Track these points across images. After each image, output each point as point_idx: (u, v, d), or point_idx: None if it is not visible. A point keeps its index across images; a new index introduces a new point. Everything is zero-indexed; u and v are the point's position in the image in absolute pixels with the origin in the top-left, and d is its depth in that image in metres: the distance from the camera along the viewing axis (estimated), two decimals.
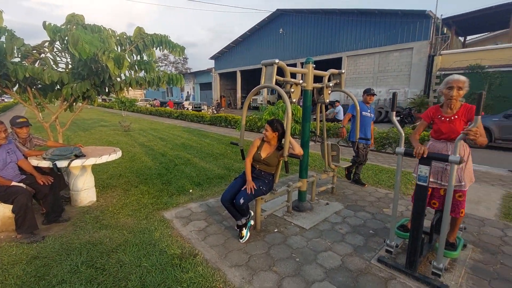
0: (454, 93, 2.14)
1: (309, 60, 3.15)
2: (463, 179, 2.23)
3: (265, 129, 2.71)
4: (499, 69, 11.55)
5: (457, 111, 2.21)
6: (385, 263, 2.30)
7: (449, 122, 2.23)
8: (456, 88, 2.13)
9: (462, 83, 2.13)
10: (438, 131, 2.30)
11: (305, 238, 2.77)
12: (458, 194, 2.27)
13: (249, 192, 2.59)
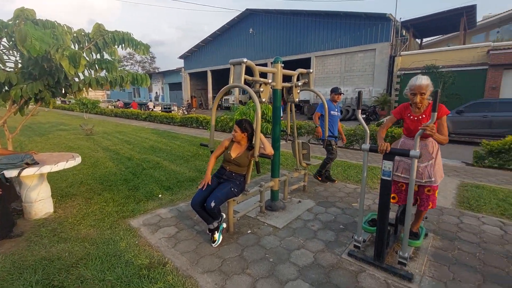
0: (417, 100, 2.21)
1: (277, 60, 3.16)
2: (433, 175, 2.29)
3: (234, 130, 2.67)
4: (451, 69, 12.59)
5: (424, 111, 2.28)
6: (355, 256, 2.37)
7: (417, 121, 2.29)
8: (419, 94, 2.19)
9: (424, 88, 2.18)
10: (408, 129, 2.37)
11: (279, 237, 2.77)
12: (427, 188, 2.36)
13: (200, 187, 2.61)
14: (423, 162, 2.29)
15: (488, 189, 4.22)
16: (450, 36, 20.45)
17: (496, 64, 12.06)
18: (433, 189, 2.38)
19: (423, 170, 2.30)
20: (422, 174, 2.30)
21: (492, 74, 12.31)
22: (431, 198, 2.39)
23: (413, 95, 2.24)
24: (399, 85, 14.96)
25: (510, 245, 2.65)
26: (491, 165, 5.86)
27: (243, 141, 2.71)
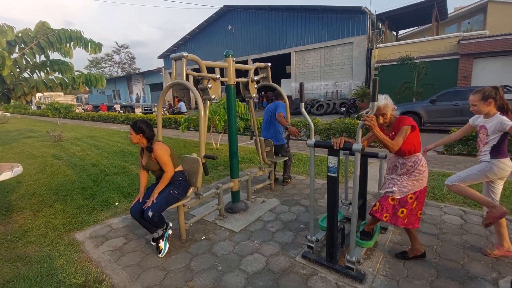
0: (380, 121, 2.10)
1: (228, 53, 2.98)
2: (395, 186, 2.09)
3: (129, 132, 2.41)
4: (425, 60, 12.79)
5: (393, 128, 2.12)
6: (308, 258, 2.25)
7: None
8: (380, 115, 2.07)
9: (381, 109, 2.06)
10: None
11: (234, 242, 2.61)
12: (391, 197, 2.09)
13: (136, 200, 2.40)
14: (389, 175, 2.23)
15: None
16: (424, 28, 20.85)
17: (466, 53, 12.34)
18: (398, 201, 2.07)
19: (389, 182, 2.18)
20: (383, 185, 2.26)
21: (463, 63, 12.60)
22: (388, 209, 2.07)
23: (376, 117, 2.07)
24: (377, 77, 15.09)
25: (468, 235, 2.60)
26: (460, 152, 5.93)
27: (143, 143, 2.42)
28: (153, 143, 2.41)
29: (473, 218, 2.92)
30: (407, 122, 1.99)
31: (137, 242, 2.70)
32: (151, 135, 2.41)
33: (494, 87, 2.15)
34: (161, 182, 2.40)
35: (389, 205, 2.07)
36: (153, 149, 2.38)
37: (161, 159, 2.37)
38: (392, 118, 2.10)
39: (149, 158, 2.44)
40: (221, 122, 5.95)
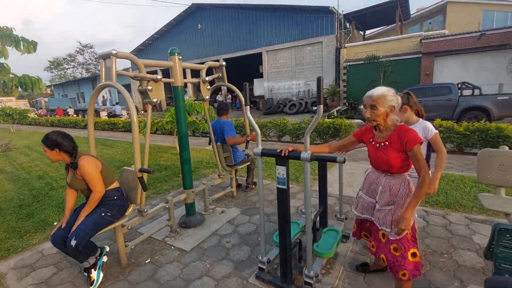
0: (366, 114, 1.57)
1: (174, 51, 2.67)
2: (389, 224, 1.58)
3: (43, 149, 2.03)
4: (390, 59, 13.21)
5: (389, 136, 1.58)
6: (262, 279, 2.01)
7: (380, 149, 1.61)
8: (368, 107, 1.55)
9: (374, 99, 1.52)
10: (370, 158, 1.71)
11: (182, 264, 2.32)
12: (393, 245, 1.59)
13: (59, 226, 2.03)
14: (382, 205, 1.64)
15: None
16: (389, 28, 21.68)
17: (428, 52, 12.92)
18: (402, 247, 1.55)
19: (380, 214, 1.64)
20: (379, 219, 1.64)
21: (425, 61, 13.18)
22: (400, 262, 1.55)
23: (365, 108, 1.60)
24: (346, 76, 15.42)
25: (429, 238, 2.51)
26: None
27: (65, 159, 2.05)
28: (78, 157, 2.04)
29: (435, 219, 2.86)
30: (418, 139, 1.48)
31: (70, 271, 2.31)
32: (71, 147, 2.02)
33: (406, 93, 2.10)
34: (88, 204, 2.03)
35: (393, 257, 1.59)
36: (78, 165, 2.01)
37: (88, 177, 1.99)
38: (390, 122, 1.57)
39: (73, 176, 2.06)
40: None
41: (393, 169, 1.58)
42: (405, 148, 1.50)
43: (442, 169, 2.05)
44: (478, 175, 2.28)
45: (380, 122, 1.57)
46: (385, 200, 1.62)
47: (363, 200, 1.78)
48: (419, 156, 1.47)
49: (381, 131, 1.62)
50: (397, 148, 1.54)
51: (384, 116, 1.55)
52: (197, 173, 5.00)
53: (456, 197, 3.28)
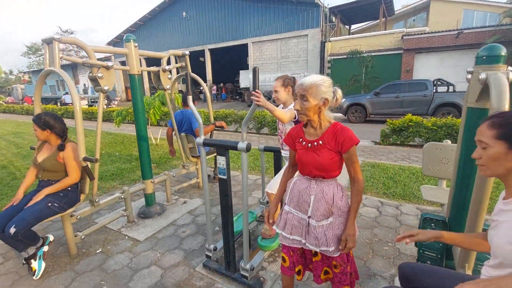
0: (296, 106, 1.33)
1: (129, 38, 2.59)
2: (331, 241, 1.33)
3: (33, 128, 2.06)
4: (372, 54, 13.38)
5: (323, 133, 1.34)
6: (209, 268, 2.04)
7: (312, 150, 1.35)
8: (299, 97, 1.32)
9: (305, 88, 1.29)
10: (299, 161, 1.42)
11: (133, 253, 2.31)
12: (333, 262, 1.40)
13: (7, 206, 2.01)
14: (318, 220, 1.35)
15: (382, 167, 4.35)
16: (375, 23, 21.87)
17: (409, 48, 13.15)
18: (341, 263, 1.39)
19: (318, 231, 1.34)
20: (317, 238, 1.35)
21: (406, 57, 13.42)
22: (341, 278, 1.40)
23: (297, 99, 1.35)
24: (330, 70, 15.51)
25: (378, 228, 2.61)
26: (394, 142, 6.22)
27: (52, 140, 2.11)
28: (67, 141, 2.13)
29: (388, 209, 2.97)
30: (355, 139, 1.29)
31: (16, 261, 2.26)
32: (62, 130, 2.11)
33: (293, 76, 2.18)
34: (58, 184, 2.08)
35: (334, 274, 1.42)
36: (66, 148, 2.08)
37: (70, 162, 2.08)
38: (324, 119, 1.34)
39: (53, 157, 2.09)
40: (156, 116, 5.49)
41: (326, 173, 1.33)
42: (341, 148, 1.30)
43: None
44: (423, 167, 2.37)
45: (311, 118, 1.32)
46: (322, 212, 1.34)
47: (292, 216, 1.43)
48: (354, 158, 1.31)
49: (314, 128, 1.36)
50: (331, 148, 1.32)
51: (316, 110, 1.30)
52: (168, 164, 4.96)
53: (413, 189, 3.41)
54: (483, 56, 1.31)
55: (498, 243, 0.89)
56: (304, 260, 1.52)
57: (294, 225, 1.42)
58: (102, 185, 3.89)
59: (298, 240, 1.41)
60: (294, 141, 1.45)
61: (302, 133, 1.43)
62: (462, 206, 1.46)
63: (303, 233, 1.39)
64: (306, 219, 1.38)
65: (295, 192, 1.43)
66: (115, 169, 4.57)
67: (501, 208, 0.95)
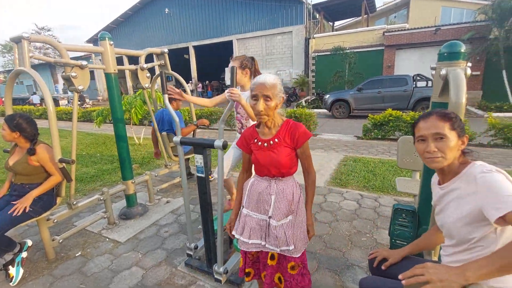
0: (259, 107, 1.25)
1: (104, 36, 2.53)
2: (292, 240, 1.31)
3: (2, 128, 1.99)
4: (355, 50, 13.61)
5: (277, 132, 1.34)
6: (191, 266, 2.05)
7: (268, 149, 1.34)
8: (261, 97, 1.25)
9: (269, 88, 1.24)
10: (256, 163, 1.38)
11: (114, 255, 2.29)
12: (291, 264, 1.37)
13: None
14: (279, 219, 1.33)
15: (363, 161, 4.47)
16: (357, 20, 22.22)
17: (390, 45, 13.46)
18: (298, 263, 1.37)
19: (278, 231, 1.32)
20: (277, 238, 1.32)
21: (387, 54, 13.75)
22: (297, 280, 1.36)
23: (254, 100, 1.28)
24: (314, 67, 15.68)
25: (357, 220, 2.69)
26: (376, 136, 6.40)
27: (21, 143, 2.05)
28: (37, 145, 2.06)
29: (368, 201, 3.07)
30: (308, 134, 1.32)
31: None
32: (32, 134, 2.04)
33: (251, 57, 2.19)
34: (44, 185, 2.07)
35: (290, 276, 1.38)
36: (37, 152, 2.02)
37: (48, 163, 2.05)
38: (277, 117, 1.35)
39: (24, 160, 2.02)
40: (138, 115, 5.39)
41: (284, 171, 1.32)
42: (297, 144, 1.31)
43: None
44: (398, 160, 2.46)
45: (271, 117, 1.30)
46: (283, 211, 1.32)
47: (251, 219, 1.38)
48: (308, 152, 1.35)
49: (269, 127, 1.34)
50: (287, 145, 1.32)
51: (274, 110, 1.29)
52: (152, 163, 4.89)
53: (391, 181, 3.53)
54: (445, 53, 1.38)
55: (448, 223, 0.98)
56: (258, 264, 1.47)
57: (253, 228, 1.37)
58: (82, 187, 3.80)
59: (257, 243, 1.37)
60: (249, 143, 1.42)
61: (256, 134, 1.40)
62: (430, 196, 1.53)
63: (263, 235, 1.36)
64: (267, 219, 1.35)
65: (253, 194, 1.38)
66: (96, 171, 4.47)
67: (440, 193, 1.07)
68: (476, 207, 0.89)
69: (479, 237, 0.91)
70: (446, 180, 1.05)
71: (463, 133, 1.00)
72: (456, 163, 1.02)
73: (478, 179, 0.90)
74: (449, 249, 1.03)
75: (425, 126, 1.01)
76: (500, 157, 4.68)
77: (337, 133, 7.32)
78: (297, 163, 1.38)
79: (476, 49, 10.96)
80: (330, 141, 6.35)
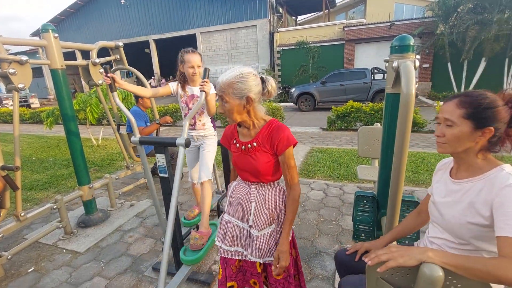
0: (218, 108, 1.16)
1: (47, 28, 2.27)
2: (274, 250, 1.22)
3: None
4: (317, 44, 14.01)
5: (257, 134, 1.17)
6: (158, 270, 1.96)
7: (246, 152, 1.19)
8: (219, 98, 1.14)
9: (220, 89, 1.11)
10: (235, 166, 1.27)
11: (72, 267, 2.11)
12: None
13: None
14: (260, 229, 1.21)
15: (328, 151, 4.65)
16: (319, 15, 22.87)
17: (349, 39, 14.06)
18: (291, 275, 1.26)
19: (260, 241, 1.20)
20: (260, 249, 1.21)
21: (347, 48, 14.35)
22: (284, 285, 1.26)
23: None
24: (280, 61, 15.85)
25: (325, 209, 2.79)
26: (340, 127, 6.68)
27: None
28: None
29: (333, 190, 3.20)
30: (292, 140, 1.14)
31: None
32: None
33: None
34: None
35: (275, 283, 1.28)
36: None
37: None
38: (256, 117, 1.17)
39: None
40: (94, 114, 5.01)
41: (263, 179, 1.19)
42: (277, 151, 1.14)
43: None
44: (358, 149, 2.57)
45: (238, 119, 1.14)
46: (264, 220, 1.20)
47: (233, 226, 1.27)
48: (291, 162, 1.15)
49: (247, 128, 1.18)
50: (266, 150, 1.15)
51: (240, 111, 1.11)
52: (113, 165, 4.60)
53: (354, 170, 3.71)
54: (396, 46, 1.45)
55: (454, 221, 0.93)
56: (242, 275, 1.32)
57: (236, 236, 1.25)
58: (33, 195, 3.45)
59: (240, 251, 1.25)
60: (229, 142, 1.28)
61: (236, 133, 1.25)
62: (387, 181, 1.63)
63: (245, 244, 1.24)
64: (247, 228, 1.24)
65: (234, 199, 1.27)
66: (49, 177, 4.08)
67: (452, 187, 0.98)
68: (490, 216, 0.84)
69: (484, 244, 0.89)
70: (462, 175, 0.95)
71: (484, 124, 0.86)
72: (475, 158, 0.91)
73: (502, 191, 0.82)
74: (450, 244, 0.99)
75: (442, 108, 0.95)
76: None
77: (303, 126, 7.51)
78: (280, 169, 1.20)
79: (426, 44, 11.90)
80: (297, 134, 6.49)
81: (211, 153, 2.17)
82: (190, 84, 2.11)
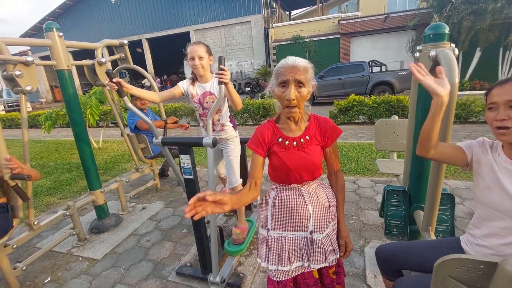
0: (291, 95, 0.98)
1: (51, 26, 2.16)
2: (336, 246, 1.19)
3: None
4: (313, 39, 13.94)
5: (306, 128, 1.12)
6: (183, 274, 1.90)
7: (296, 149, 1.10)
8: (293, 82, 0.98)
9: (302, 72, 0.99)
10: (281, 168, 1.11)
11: (91, 275, 2.04)
12: (332, 270, 1.23)
13: None
14: (322, 229, 1.14)
15: None
16: (313, 9, 22.76)
17: (345, 33, 14.04)
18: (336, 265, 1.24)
19: (325, 243, 1.13)
20: (326, 251, 1.13)
21: (343, 41, 14.34)
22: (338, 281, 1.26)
23: (283, 87, 1.01)
24: (275, 56, 15.76)
25: None
26: (342, 121, 6.65)
27: None
28: None
29: (348, 185, 3.15)
30: (339, 129, 1.14)
31: None
32: None
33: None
34: None
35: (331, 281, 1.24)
36: None
37: None
38: (303, 111, 1.12)
39: None
40: (94, 116, 4.88)
41: (318, 172, 1.12)
42: (327, 142, 1.11)
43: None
44: (376, 142, 2.54)
45: (301, 110, 1.07)
46: (325, 220, 1.14)
47: (290, 241, 1.14)
48: (337, 151, 1.18)
49: (296, 122, 1.10)
50: (318, 143, 1.11)
51: (305, 100, 1.05)
52: (117, 168, 4.49)
53: (365, 163, 3.69)
54: (430, 34, 1.40)
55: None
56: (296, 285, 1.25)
57: (293, 250, 1.14)
58: (38, 202, 3.34)
59: (299, 266, 1.16)
60: (269, 143, 1.12)
61: (279, 131, 1.12)
62: (420, 174, 1.59)
63: (304, 255, 1.14)
64: (308, 236, 1.13)
65: (286, 209, 1.14)
66: (52, 182, 3.96)
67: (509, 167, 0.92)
68: None
69: None
70: None
71: None
72: None
73: None
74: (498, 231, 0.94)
75: (499, 92, 0.88)
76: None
77: None
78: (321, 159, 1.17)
79: (421, 35, 11.91)
80: None
81: (237, 157, 2.07)
82: (199, 80, 1.92)
